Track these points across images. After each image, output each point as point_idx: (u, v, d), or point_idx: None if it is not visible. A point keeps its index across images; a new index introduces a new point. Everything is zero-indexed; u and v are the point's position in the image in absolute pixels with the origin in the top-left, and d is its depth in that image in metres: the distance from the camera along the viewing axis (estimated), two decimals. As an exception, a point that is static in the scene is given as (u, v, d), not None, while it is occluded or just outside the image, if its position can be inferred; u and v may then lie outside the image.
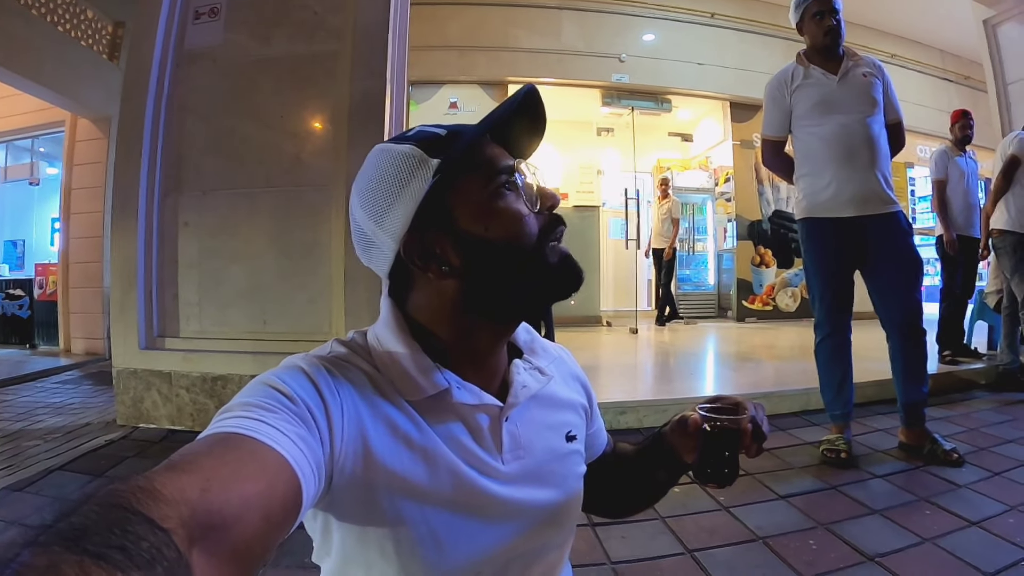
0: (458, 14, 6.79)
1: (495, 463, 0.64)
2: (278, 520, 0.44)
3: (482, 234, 0.62)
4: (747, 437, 0.69)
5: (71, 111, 5.90)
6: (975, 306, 4.71)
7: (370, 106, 3.05)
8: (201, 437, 0.45)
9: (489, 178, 0.63)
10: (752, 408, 0.72)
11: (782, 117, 2.68)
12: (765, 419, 0.72)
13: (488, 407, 0.64)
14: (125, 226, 3.17)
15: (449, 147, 0.62)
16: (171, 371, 3.11)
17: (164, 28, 3.23)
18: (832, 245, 2.56)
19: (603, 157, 8.46)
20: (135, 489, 0.34)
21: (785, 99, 2.65)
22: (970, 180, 4.30)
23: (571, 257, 0.66)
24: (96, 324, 6.02)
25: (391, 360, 0.62)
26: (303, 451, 0.48)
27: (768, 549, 1.71)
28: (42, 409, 3.70)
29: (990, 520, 1.86)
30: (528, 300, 0.67)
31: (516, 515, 0.64)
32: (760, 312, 7.70)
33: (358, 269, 2.95)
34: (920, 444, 2.50)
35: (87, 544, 0.28)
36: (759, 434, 0.70)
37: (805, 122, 2.60)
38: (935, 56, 7.97)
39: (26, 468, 2.55)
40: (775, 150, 2.75)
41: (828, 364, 2.63)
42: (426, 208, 0.61)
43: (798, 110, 2.62)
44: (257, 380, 0.54)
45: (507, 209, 0.63)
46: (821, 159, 2.55)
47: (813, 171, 2.58)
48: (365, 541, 0.58)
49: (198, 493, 0.37)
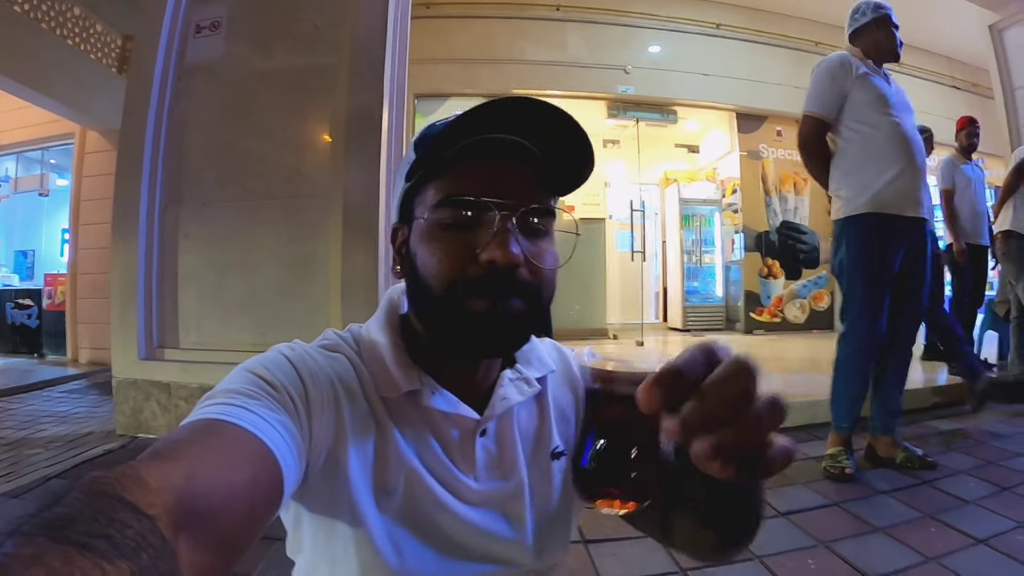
0: (463, 27, 6.82)
1: (466, 480, 0.61)
2: (262, 507, 0.44)
3: (414, 253, 0.60)
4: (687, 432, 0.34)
5: (80, 123, 5.97)
6: (985, 316, 4.63)
7: (367, 119, 3.06)
8: (185, 423, 0.45)
9: (435, 202, 0.58)
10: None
11: (836, 97, 2.49)
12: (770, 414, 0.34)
13: (462, 418, 0.61)
14: (125, 237, 3.19)
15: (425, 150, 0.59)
16: (170, 382, 3.12)
17: (166, 42, 3.26)
18: (890, 244, 2.41)
19: (609, 169, 8.44)
20: (120, 476, 0.33)
21: (846, 82, 2.48)
22: (977, 188, 4.25)
23: (495, 317, 0.55)
24: (104, 334, 6.00)
25: (373, 352, 0.62)
26: (285, 438, 0.48)
27: (764, 568, 1.68)
28: (46, 418, 3.72)
29: (998, 537, 1.82)
30: (445, 345, 0.60)
31: (476, 553, 0.61)
32: (768, 324, 7.61)
33: (355, 280, 2.96)
34: (892, 454, 2.52)
35: (72, 533, 0.28)
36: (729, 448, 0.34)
37: (866, 114, 2.45)
38: (942, 63, 7.91)
39: (24, 476, 2.57)
40: (820, 131, 2.55)
41: (852, 377, 2.51)
42: (404, 205, 0.63)
43: (856, 98, 2.47)
44: (241, 367, 0.54)
45: (433, 242, 0.57)
46: (889, 153, 2.41)
47: (879, 165, 2.42)
48: (332, 539, 0.57)
49: (183, 480, 0.36)
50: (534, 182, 0.58)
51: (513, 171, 0.57)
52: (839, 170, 2.54)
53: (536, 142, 0.56)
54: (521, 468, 0.65)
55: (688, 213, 8.04)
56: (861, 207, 2.43)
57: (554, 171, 0.59)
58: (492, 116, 0.54)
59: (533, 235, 0.58)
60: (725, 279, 8.20)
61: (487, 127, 0.55)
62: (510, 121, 0.55)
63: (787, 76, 7.45)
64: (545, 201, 0.59)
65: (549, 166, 0.58)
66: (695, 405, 0.33)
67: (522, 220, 0.56)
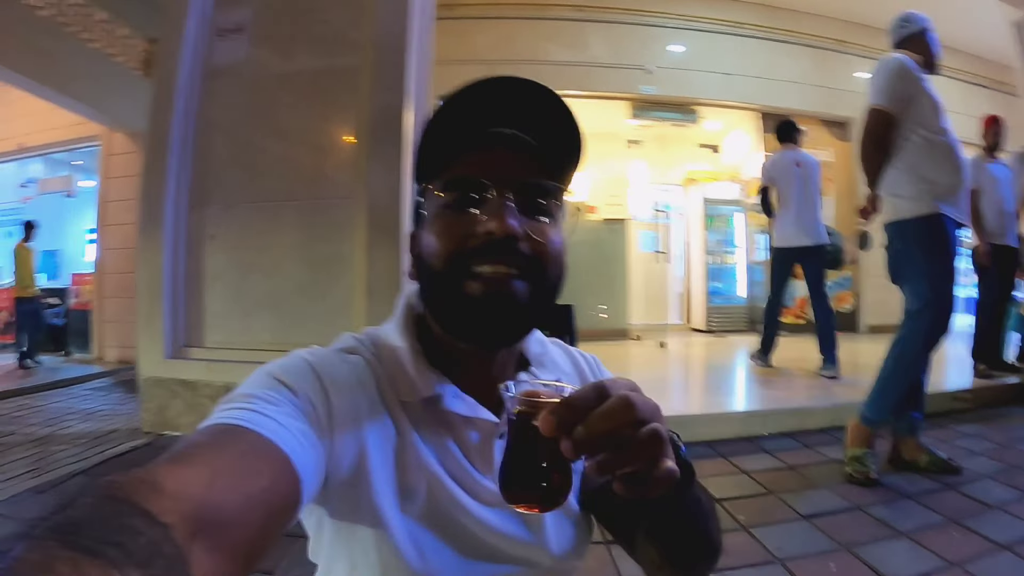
0: (485, 28, 6.82)
1: (485, 482, 0.61)
2: (278, 516, 0.43)
3: (419, 244, 0.62)
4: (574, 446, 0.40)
5: (106, 125, 6.08)
6: (1012, 318, 4.55)
7: (389, 120, 3.08)
8: (203, 427, 0.45)
9: (436, 191, 0.59)
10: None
11: (904, 97, 2.49)
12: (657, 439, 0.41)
13: (481, 422, 0.62)
14: (152, 238, 3.25)
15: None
16: (195, 380, 3.16)
17: (191, 45, 3.31)
18: (954, 244, 2.45)
19: (632, 170, 8.40)
20: (135, 482, 0.33)
21: (913, 85, 2.49)
22: (1003, 187, 4.18)
23: (496, 296, 0.56)
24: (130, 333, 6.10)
25: (391, 355, 0.62)
26: (304, 447, 0.47)
27: (786, 571, 1.67)
28: (72, 415, 3.81)
29: (1022, 543, 1.78)
30: (447, 327, 0.61)
31: (496, 554, 0.61)
32: (792, 325, 7.51)
33: (381, 281, 2.97)
34: (917, 457, 2.50)
35: (82, 539, 0.27)
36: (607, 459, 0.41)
37: (932, 120, 2.47)
38: (965, 61, 7.76)
39: (51, 472, 2.63)
40: (889, 124, 2.51)
41: (911, 372, 2.48)
42: (417, 210, 0.63)
43: (922, 103, 2.48)
44: (261, 370, 0.54)
45: (434, 225, 0.59)
46: (954, 161, 2.46)
47: (949, 170, 2.45)
48: (352, 541, 0.57)
49: (202, 487, 0.36)
50: (532, 166, 0.59)
51: (511, 156, 0.59)
52: (899, 170, 2.52)
53: (528, 127, 0.58)
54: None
55: (712, 213, 7.96)
56: (929, 207, 2.44)
57: (551, 156, 0.60)
58: (481, 99, 0.57)
59: (535, 214, 0.59)
60: (748, 280, 8.14)
61: (480, 115, 0.57)
62: (498, 104, 0.57)
63: (808, 75, 7.37)
64: (546, 181, 0.60)
65: (546, 151, 0.60)
66: (580, 430, 0.39)
67: (521, 198, 0.57)
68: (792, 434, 3.02)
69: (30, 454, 2.90)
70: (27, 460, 2.80)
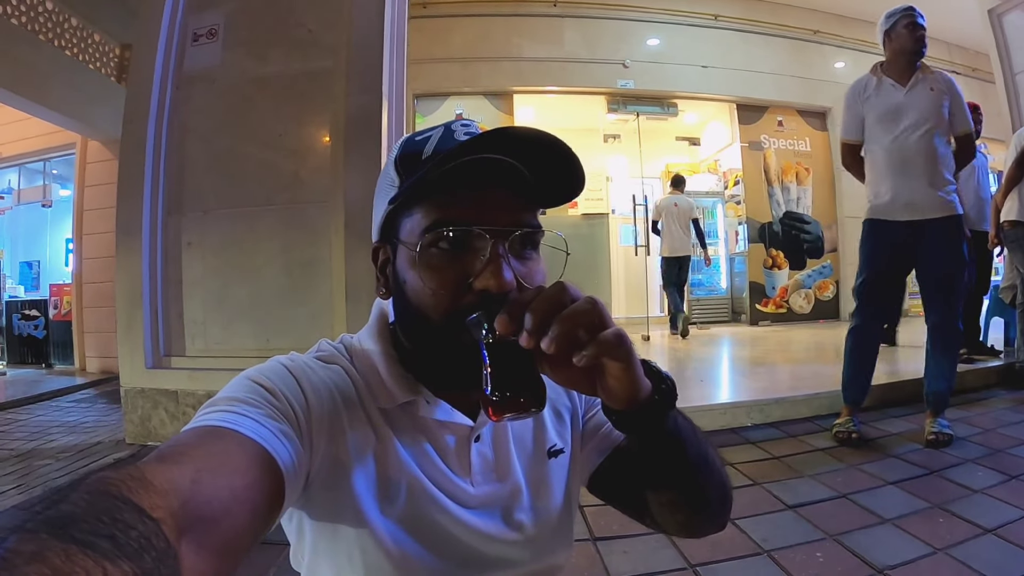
0: (460, 26, 6.81)
1: (464, 485, 0.62)
2: (263, 514, 0.45)
3: (402, 280, 0.60)
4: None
5: (81, 133, 5.99)
6: (990, 302, 4.61)
7: (366, 122, 3.06)
8: (187, 428, 0.46)
9: (423, 229, 0.56)
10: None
11: (855, 122, 2.88)
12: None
13: (456, 426, 0.63)
14: (129, 247, 3.20)
15: (415, 172, 0.57)
16: (178, 389, 3.13)
17: (164, 50, 3.27)
18: (883, 243, 2.78)
19: (611, 164, 8.42)
20: (126, 477, 0.34)
21: (859, 106, 2.86)
22: (980, 174, 4.23)
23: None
24: (111, 343, 6.05)
25: (367, 363, 0.63)
26: (286, 446, 0.49)
27: (773, 562, 1.67)
28: (56, 428, 3.75)
29: (1006, 527, 1.80)
30: (438, 377, 0.62)
31: (478, 555, 0.62)
32: (774, 315, 7.60)
33: (360, 284, 2.96)
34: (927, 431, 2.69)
35: (75, 531, 0.28)
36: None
37: (873, 133, 2.80)
38: (941, 49, 7.83)
39: (37, 487, 2.59)
40: (852, 153, 2.95)
41: (852, 353, 2.86)
42: (386, 225, 0.62)
43: (869, 120, 2.82)
44: (242, 375, 0.55)
45: (425, 271, 0.56)
46: (883, 169, 2.76)
47: (874, 179, 2.81)
48: (335, 543, 0.57)
49: (188, 484, 0.37)
50: (521, 202, 0.58)
51: (502, 195, 0.56)
52: (866, 182, 2.90)
53: (524, 160, 0.55)
54: (517, 471, 0.66)
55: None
56: (866, 213, 2.87)
57: (542, 189, 0.58)
58: (482, 143, 0.53)
59: (523, 255, 0.58)
60: (729, 271, 8.19)
61: (476, 149, 0.53)
62: (498, 143, 0.53)
63: (786, 66, 7.42)
64: (534, 220, 0.59)
65: (538, 186, 0.58)
66: (529, 318, 0.46)
67: (512, 243, 0.56)
68: (776, 424, 3.05)
69: (15, 470, 2.86)
70: (12, 476, 2.76)
